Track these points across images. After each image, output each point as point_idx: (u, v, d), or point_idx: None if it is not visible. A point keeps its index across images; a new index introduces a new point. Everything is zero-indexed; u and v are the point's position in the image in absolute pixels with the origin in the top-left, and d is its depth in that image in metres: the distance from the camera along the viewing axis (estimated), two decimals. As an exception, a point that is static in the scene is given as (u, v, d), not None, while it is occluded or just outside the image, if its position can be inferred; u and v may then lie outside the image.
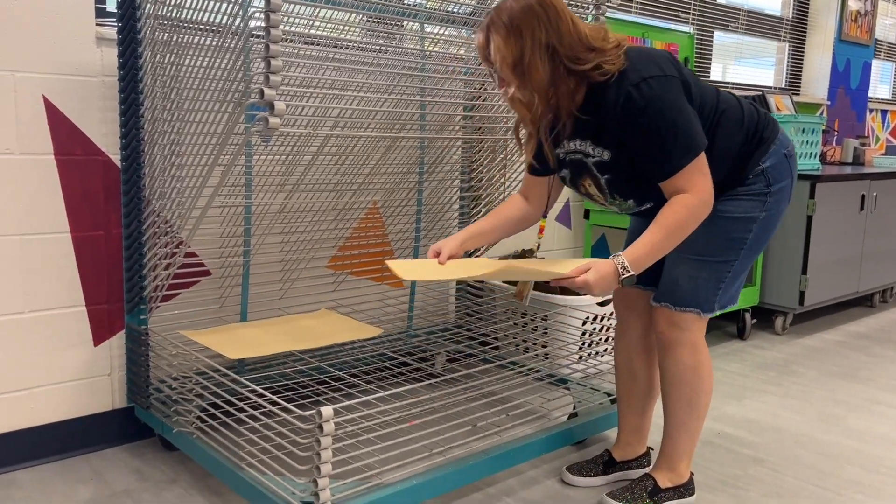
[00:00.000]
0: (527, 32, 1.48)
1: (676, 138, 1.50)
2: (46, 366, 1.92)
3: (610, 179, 1.62)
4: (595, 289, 1.48)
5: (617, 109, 1.51)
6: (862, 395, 2.64)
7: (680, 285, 1.67)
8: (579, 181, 1.69)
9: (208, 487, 1.81)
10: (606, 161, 1.60)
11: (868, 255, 3.72)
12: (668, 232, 1.51)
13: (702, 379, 1.70)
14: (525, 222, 1.84)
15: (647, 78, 1.50)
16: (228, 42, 1.50)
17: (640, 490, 1.74)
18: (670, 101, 1.50)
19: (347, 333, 2.02)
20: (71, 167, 1.89)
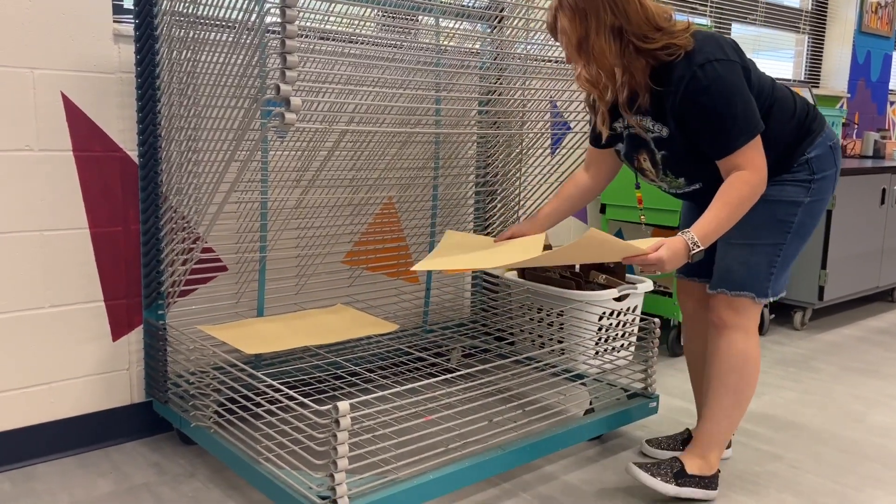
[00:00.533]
0: (592, 14, 1.53)
1: (736, 119, 1.55)
2: (66, 361, 1.94)
3: (666, 155, 1.68)
4: (668, 265, 1.52)
5: (681, 88, 1.56)
6: (882, 390, 2.61)
7: (733, 271, 1.72)
8: (635, 155, 1.75)
9: (226, 481, 1.82)
10: (664, 137, 1.65)
11: (888, 250, 3.68)
12: (732, 207, 1.57)
13: (749, 366, 1.74)
14: (587, 195, 1.93)
15: (711, 60, 1.55)
16: (244, 38, 1.50)
17: (667, 469, 1.77)
18: (732, 84, 1.55)
19: (363, 329, 2.03)
20: (89, 163, 1.90)
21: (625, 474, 1.91)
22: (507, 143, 2.55)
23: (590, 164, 1.91)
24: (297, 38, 1.43)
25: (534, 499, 1.78)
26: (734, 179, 1.58)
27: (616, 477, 1.90)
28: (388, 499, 1.52)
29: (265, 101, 1.48)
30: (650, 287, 2.69)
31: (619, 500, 1.78)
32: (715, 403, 1.77)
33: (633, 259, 1.52)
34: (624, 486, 1.85)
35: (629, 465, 1.79)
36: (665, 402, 2.43)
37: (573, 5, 1.55)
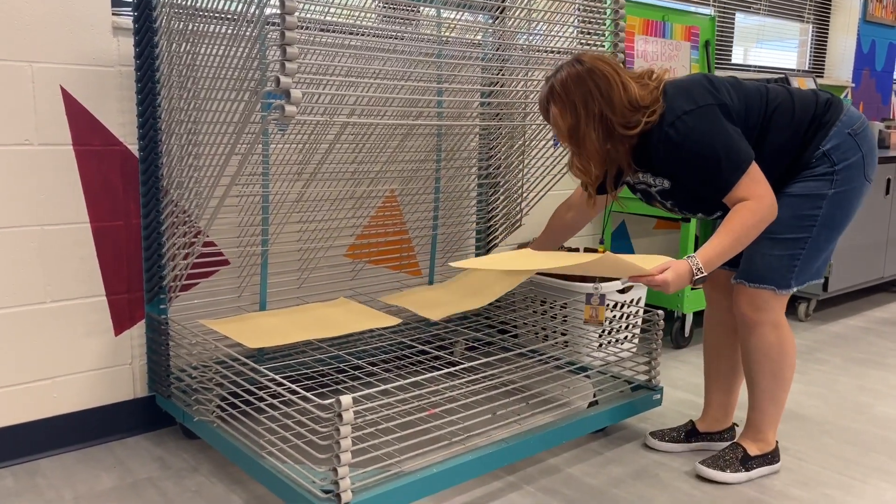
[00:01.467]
0: (580, 104, 1.63)
1: (720, 161, 1.61)
2: (68, 355, 1.93)
3: (675, 203, 1.78)
4: (672, 287, 1.58)
5: (660, 150, 1.64)
6: (887, 382, 2.60)
7: (754, 262, 1.75)
8: (651, 202, 1.85)
9: (229, 475, 1.82)
10: (668, 189, 1.74)
11: (893, 240, 3.66)
12: (736, 235, 1.61)
13: (786, 354, 1.78)
14: (569, 231, 2.07)
15: (680, 115, 1.62)
16: (244, 30, 1.49)
17: (732, 458, 1.83)
18: (706, 130, 1.61)
19: (366, 322, 2.02)
20: (89, 157, 1.89)
21: (628, 466, 1.90)
22: (509, 135, 2.53)
23: (573, 205, 2.01)
24: (296, 29, 1.42)
25: (537, 491, 1.77)
26: (739, 209, 1.63)
27: (620, 469, 1.89)
28: (392, 492, 1.52)
29: (265, 93, 1.47)
30: (654, 279, 2.67)
31: (624, 491, 1.78)
32: (757, 390, 1.83)
33: (640, 279, 1.58)
34: (628, 479, 1.84)
35: (696, 465, 1.85)
36: (669, 395, 2.42)
37: (563, 97, 1.64)
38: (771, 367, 1.78)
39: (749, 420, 1.87)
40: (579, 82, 1.62)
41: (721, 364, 1.98)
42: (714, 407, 2.01)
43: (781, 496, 1.78)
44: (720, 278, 1.94)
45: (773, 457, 1.88)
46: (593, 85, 1.61)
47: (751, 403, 1.86)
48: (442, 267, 2.64)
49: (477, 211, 2.64)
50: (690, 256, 1.60)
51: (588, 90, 1.61)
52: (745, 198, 1.62)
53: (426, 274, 2.60)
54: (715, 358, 1.99)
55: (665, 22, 3.31)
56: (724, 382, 1.99)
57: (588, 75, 1.62)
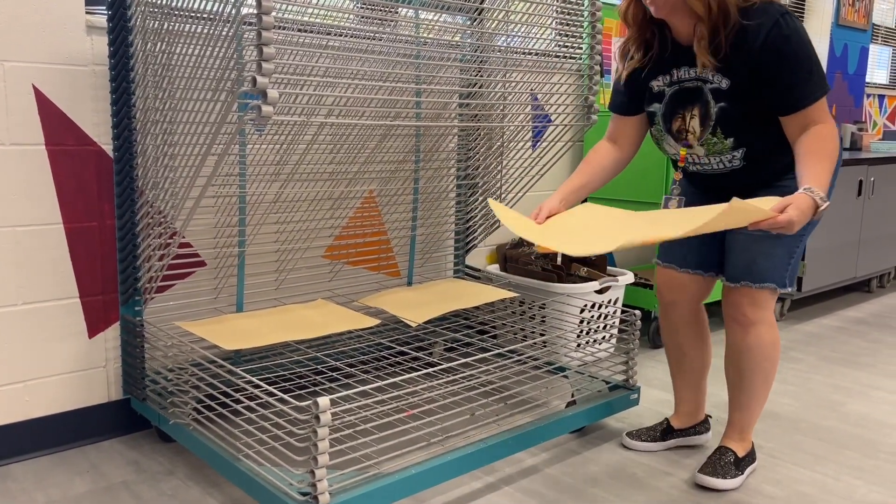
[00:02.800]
0: None
1: (813, 70, 1.56)
2: (41, 358, 1.90)
3: (724, 107, 1.64)
4: (797, 225, 1.41)
5: (761, 34, 1.55)
6: (860, 380, 2.64)
7: (758, 263, 1.72)
8: (679, 113, 1.70)
9: (205, 478, 1.80)
10: (724, 89, 1.63)
11: (866, 241, 3.72)
12: (830, 158, 1.52)
13: (777, 352, 1.80)
14: (618, 167, 1.87)
15: (786, 12, 1.57)
16: (220, 30, 1.48)
17: (726, 463, 1.83)
18: (805, 37, 1.57)
19: (344, 323, 2.01)
20: (62, 157, 1.87)
21: (606, 466, 1.92)
22: (487, 136, 2.54)
23: (616, 135, 1.87)
24: (273, 29, 1.41)
25: (516, 492, 1.78)
26: (822, 131, 1.54)
27: (597, 469, 1.90)
28: (370, 494, 1.51)
29: (242, 93, 1.46)
30: (631, 279, 2.70)
31: (602, 490, 1.79)
32: (748, 392, 1.82)
33: (762, 224, 1.40)
34: (606, 478, 1.86)
35: (696, 475, 1.82)
36: (646, 394, 2.44)
37: None
38: (766, 366, 1.78)
39: (734, 422, 1.87)
40: None
41: (691, 362, 1.98)
42: (686, 403, 2.03)
43: (756, 493, 1.80)
44: (685, 282, 1.91)
45: (754, 454, 1.91)
46: None
47: (737, 405, 1.85)
48: (421, 268, 2.64)
49: (455, 212, 2.65)
50: (805, 188, 1.46)
51: None
52: (819, 120, 1.56)
53: (405, 275, 2.60)
54: (682, 357, 1.99)
55: (642, 24, 3.33)
56: (694, 379, 2.00)
57: None
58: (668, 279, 1.94)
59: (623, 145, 1.87)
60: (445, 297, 2.29)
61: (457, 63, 2.28)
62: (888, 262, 3.98)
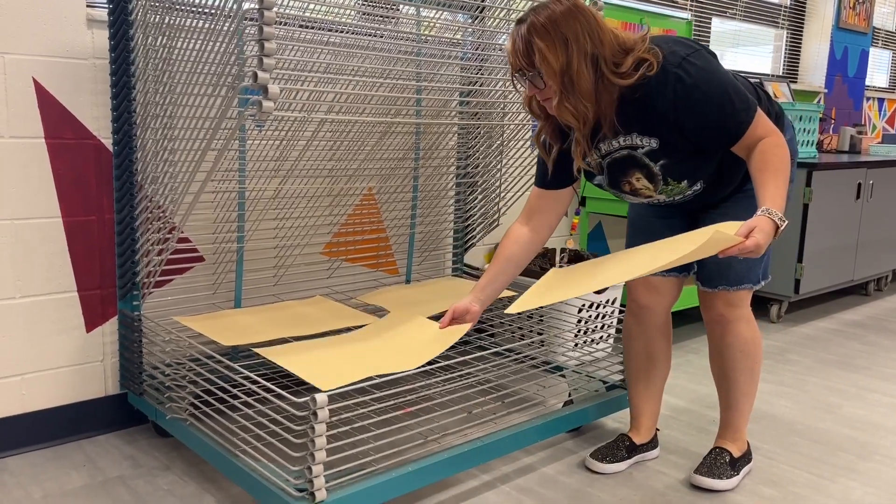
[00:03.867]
0: (571, 39, 1.47)
1: (734, 100, 1.52)
2: (38, 352, 1.90)
3: (664, 164, 1.62)
4: (763, 248, 1.41)
5: (668, 94, 1.51)
6: (857, 383, 2.64)
7: (733, 267, 1.72)
8: (624, 178, 1.67)
9: (202, 474, 1.80)
10: (656, 148, 1.60)
11: (863, 244, 3.72)
12: (783, 172, 1.51)
13: (759, 348, 1.80)
14: (532, 251, 1.78)
15: (685, 57, 1.51)
16: (221, 25, 1.48)
17: (721, 463, 1.83)
18: (713, 70, 1.52)
19: (342, 321, 2.01)
20: (62, 151, 1.86)
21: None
22: (487, 135, 2.54)
23: (533, 213, 1.76)
24: (275, 25, 1.41)
25: (512, 490, 1.78)
26: (767, 146, 1.52)
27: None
28: (367, 491, 1.51)
29: (242, 88, 1.46)
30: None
31: (598, 490, 1.79)
32: (737, 390, 1.82)
33: (731, 251, 1.41)
34: (602, 478, 1.86)
35: (692, 476, 1.82)
36: (643, 394, 2.44)
37: (552, 31, 1.46)
38: (748, 363, 1.79)
39: (726, 421, 1.87)
40: (568, 17, 1.47)
41: (655, 370, 1.93)
42: (647, 416, 1.96)
43: (752, 494, 1.80)
44: (658, 285, 1.87)
45: (750, 454, 1.91)
46: (584, 20, 1.47)
47: (725, 404, 1.85)
48: (419, 266, 2.64)
49: (455, 210, 2.65)
50: (763, 210, 1.45)
51: (578, 26, 1.47)
52: (763, 135, 1.53)
53: (403, 272, 2.60)
54: (652, 366, 1.93)
55: (643, 25, 3.33)
56: (658, 390, 1.96)
57: (577, 11, 1.48)
58: (643, 282, 1.87)
59: (539, 224, 1.76)
60: (444, 295, 2.29)
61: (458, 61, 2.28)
62: (886, 266, 3.99)
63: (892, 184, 3.85)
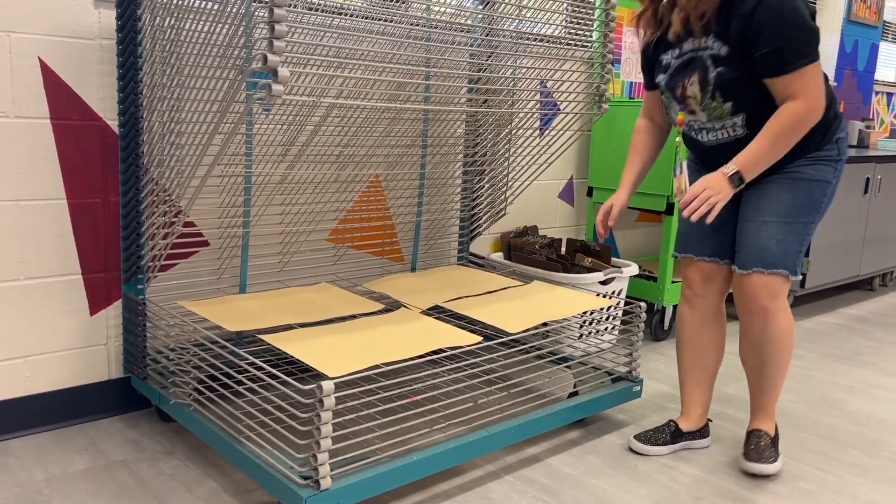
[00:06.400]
0: None
1: (803, 37, 1.60)
2: (42, 334, 1.89)
3: (721, 71, 1.69)
4: (712, 191, 1.62)
5: (754, 2, 1.60)
6: (863, 378, 2.63)
7: (770, 249, 1.75)
8: (681, 80, 1.77)
9: (205, 459, 1.80)
10: (722, 56, 1.68)
11: (870, 239, 3.70)
12: (774, 138, 1.63)
13: (794, 333, 1.84)
14: (662, 139, 1.98)
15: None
16: (230, 6, 1.45)
17: (766, 445, 1.87)
18: (800, 8, 1.61)
19: (348, 308, 2.00)
20: (67, 132, 1.85)
21: (607, 457, 1.91)
22: (496, 123, 2.52)
23: (651, 110, 1.96)
24: (285, 7, 1.38)
25: (517, 481, 1.77)
26: (783, 110, 1.62)
27: (598, 460, 1.90)
28: (371, 479, 1.50)
29: (251, 71, 1.44)
30: (636, 271, 2.68)
31: (602, 482, 1.78)
32: (771, 376, 1.86)
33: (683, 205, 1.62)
34: (607, 469, 1.85)
35: (745, 464, 1.84)
36: (648, 386, 2.43)
37: None
38: (786, 349, 1.82)
39: (760, 405, 1.90)
40: None
41: (704, 359, 1.97)
42: (697, 404, 1.99)
43: (758, 489, 1.79)
44: (712, 273, 1.91)
45: (778, 430, 1.97)
46: None
47: (762, 389, 1.88)
48: (425, 254, 2.62)
49: (461, 198, 2.63)
50: (723, 171, 1.64)
51: None
52: (797, 93, 1.61)
53: (409, 260, 2.58)
54: (701, 355, 1.96)
55: (653, 14, 3.30)
56: (708, 379, 1.98)
57: None
58: (697, 270, 1.92)
59: (656, 115, 1.96)
60: (450, 284, 2.28)
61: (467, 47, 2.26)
62: (891, 261, 3.97)
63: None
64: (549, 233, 3.07)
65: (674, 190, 1.85)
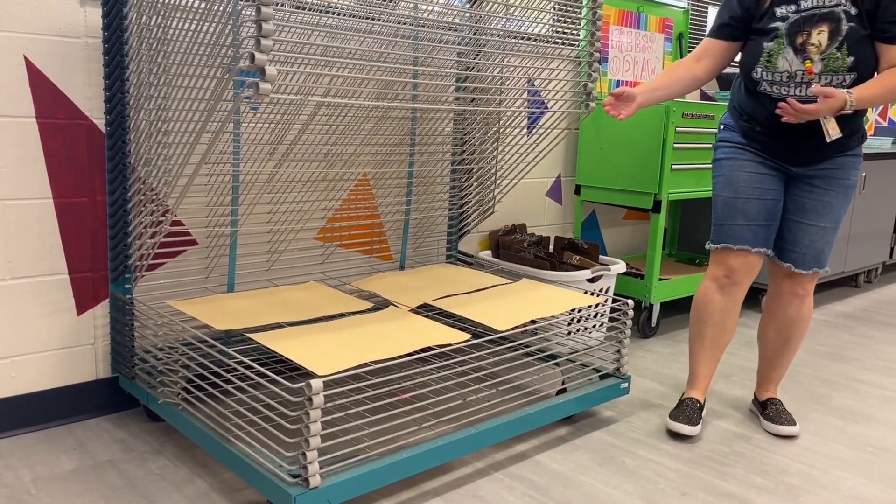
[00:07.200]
0: None
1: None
2: (28, 334, 1.88)
3: (853, 27, 1.82)
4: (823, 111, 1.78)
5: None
6: (847, 374, 2.66)
7: (825, 251, 2.01)
8: (805, 30, 1.85)
9: (194, 459, 1.79)
10: (853, 14, 1.82)
11: (855, 236, 3.74)
12: (886, 88, 1.79)
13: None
14: (693, 86, 2.04)
15: None
16: (217, 5, 1.45)
17: (784, 409, 2.16)
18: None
19: (337, 306, 2.00)
20: (53, 131, 1.84)
21: (595, 453, 1.92)
22: (484, 121, 2.52)
23: (704, 56, 2.03)
24: (272, 5, 1.38)
25: (505, 478, 1.78)
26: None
27: (587, 456, 1.91)
28: (361, 477, 1.51)
29: (239, 70, 1.44)
30: (623, 269, 2.70)
31: (590, 478, 1.79)
32: (791, 353, 2.14)
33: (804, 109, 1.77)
34: (595, 465, 1.86)
35: (780, 428, 2.09)
36: (636, 383, 2.45)
37: None
38: (806, 329, 2.10)
39: (771, 380, 2.19)
40: None
41: (724, 337, 2.14)
42: (708, 377, 2.17)
43: (743, 484, 1.81)
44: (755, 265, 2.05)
45: None
46: None
47: (777, 364, 2.16)
48: (413, 252, 2.63)
49: (450, 197, 2.63)
50: (848, 91, 1.77)
51: None
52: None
53: (397, 259, 2.59)
54: (721, 335, 2.13)
55: (640, 13, 3.32)
56: (721, 353, 2.17)
57: None
58: (744, 261, 2.02)
59: (707, 67, 2.02)
60: (439, 282, 2.28)
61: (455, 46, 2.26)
62: (876, 258, 4.01)
63: (884, 176, 3.86)
64: (538, 231, 3.08)
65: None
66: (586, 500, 1.70)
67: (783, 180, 2.00)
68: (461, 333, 1.76)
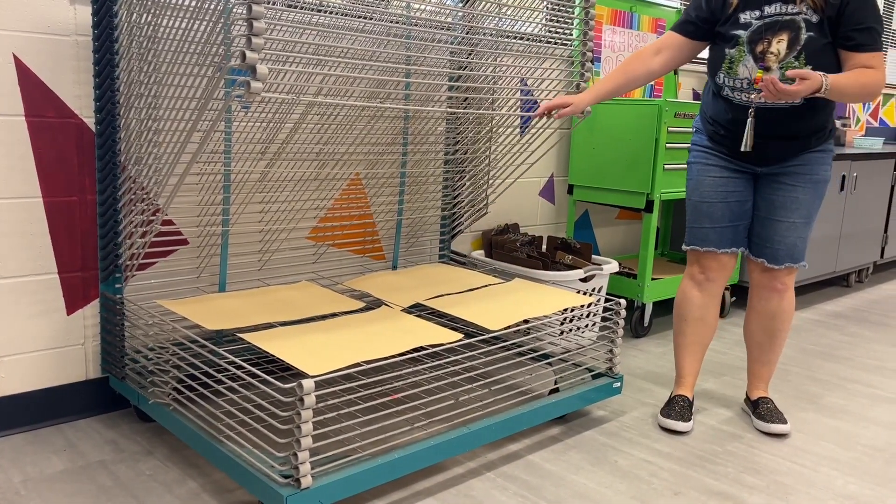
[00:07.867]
0: None
1: (880, 27, 1.84)
2: (17, 334, 1.87)
3: (813, 37, 1.85)
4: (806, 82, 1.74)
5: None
6: (837, 373, 2.67)
7: (797, 246, 2.03)
8: (766, 38, 1.89)
9: (185, 459, 1.78)
10: (814, 23, 1.85)
11: (846, 236, 3.76)
12: (858, 84, 1.79)
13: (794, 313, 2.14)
14: (648, 80, 2.07)
15: None
16: (208, 3, 1.44)
17: (775, 408, 2.16)
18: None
19: (329, 306, 1.99)
20: (43, 130, 1.82)
21: (587, 453, 1.92)
22: (476, 122, 2.52)
23: (664, 48, 2.05)
24: (264, 3, 1.38)
25: (498, 477, 1.78)
26: (866, 71, 1.81)
27: (579, 456, 1.91)
28: (352, 478, 1.50)
29: (230, 68, 1.43)
30: (616, 268, 2.70)
31: (583, 478, 1.79)
32: (777, 348, 2.16)
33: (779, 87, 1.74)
34: (587, 465, 1.86)
35: (769, 426, 2.09)
36: (628, 383, 2.45)
37: None
38: (789, 324, 2.12)
39: (760, 377, 2.20)
40: None
41: (706, 332, 2.18)
42: (694, 374, 2.21)
43: (735, 483, 1.81)
44: (726, 263, 2.11)
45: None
46: None
47: (764, 361, 2.17)
48: (406, 252, 2.62)
49: (442, 197, 2.63)
50: (824, 74, 1.76)
51: None
52: (874, 67, 1.82)
53: (390, 258, 2.58)
54: (704, 331, 2.18)
55: (633, 13, 3.32)
56: (704, 350, 2.22)
57: None
58: (715, 260, 2.10)
59: (665, 59, 2.05)
60: (431, 282, 2.28)
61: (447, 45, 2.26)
62: (867, 258, 4.03)
63: (875, 176, 3.88)
64: (530, 230, 3.08)
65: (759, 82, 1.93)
66: (578, 499, 1.70)
67: (750, 180, 2.05)
68: (453, 333, 1.76)
